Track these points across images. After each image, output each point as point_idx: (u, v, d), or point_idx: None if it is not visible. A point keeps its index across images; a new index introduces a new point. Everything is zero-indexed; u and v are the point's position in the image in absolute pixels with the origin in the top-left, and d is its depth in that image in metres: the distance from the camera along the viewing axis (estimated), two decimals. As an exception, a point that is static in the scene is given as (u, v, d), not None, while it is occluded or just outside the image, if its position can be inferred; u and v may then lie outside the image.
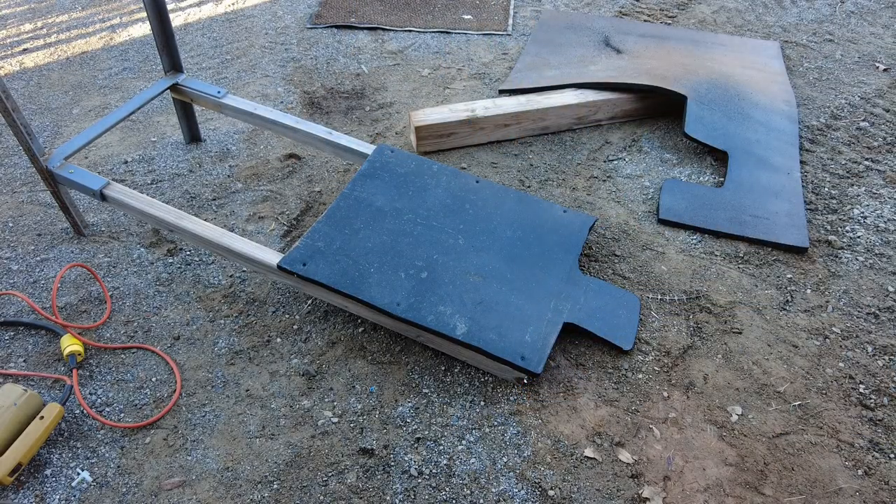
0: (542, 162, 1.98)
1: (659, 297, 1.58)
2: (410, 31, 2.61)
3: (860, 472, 1.26)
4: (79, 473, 1.26)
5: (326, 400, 1.38)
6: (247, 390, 1.40)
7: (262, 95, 2.26)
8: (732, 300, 1.58)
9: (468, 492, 1.23)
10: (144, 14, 2.36)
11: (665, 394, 1.39)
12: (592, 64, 2.26)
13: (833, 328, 1.52)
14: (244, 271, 1.65)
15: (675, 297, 1.58)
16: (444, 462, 1.28)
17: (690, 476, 1.26)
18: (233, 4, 2.82)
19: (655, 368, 1.44)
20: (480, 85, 2.30)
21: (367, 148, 1.73)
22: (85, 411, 1.35)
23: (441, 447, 1.30)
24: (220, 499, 1.22)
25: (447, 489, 1.23)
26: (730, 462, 1.28)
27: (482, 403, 1.37)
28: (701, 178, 1.92)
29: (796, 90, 2.26)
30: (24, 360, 1.45)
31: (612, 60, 2.28)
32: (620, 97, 2.08)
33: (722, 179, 1.89)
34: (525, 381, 1.39)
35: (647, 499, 1.22)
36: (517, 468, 1.27)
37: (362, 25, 2.63)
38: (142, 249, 1.71)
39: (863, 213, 1.80)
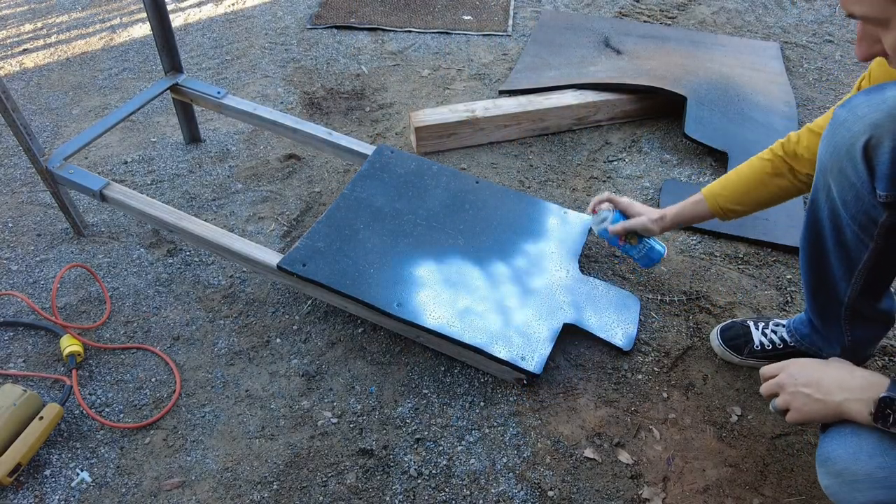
0: (541, 162, 1.98)
1: (658, 297, 1.58)
2: (410, 31, 2.61)
3: (860, 472, 1.26)
4: (78, 474, 1.26)
5: (326, 400, 1.38)
6: (246, 391, 1.40)
7: (262, 96, 2.27)
8: (732, 301, 1.58)
9: (468, 492, 1.23)
10: (144, 14, 2.36)
11: (665, 394, 1.39)
12: (592, 65, 2.26)
13: (833, 329, 1.51)
14: (244, 272, 1.65)
15: (675, 298, 1.58)
16: (444, 463, 1.28)
17: (690, 477, 1.26)
18: (233, 5, 2.83)
19: (655, 369, 1.44)
20: (480, 85, 2.30)
21: (367, 148, 1.73)
22: (84, 412, 1.35)
23: (441, 448, 1.30)
24: (220, 499, 1.22)
25: (447, 490, 1.23)
26: (729, 463, 1.28)
27: (482, 404, 1.37)
28: (701, 179, 1.92)
29: (796, 91, 2.26)
30: (24, 361, 1.45)
31: (612, 61, 2.28)
32: (620, 98, 2.08)
33: (722, 180, 1.89)
34: (525, 381, 1.39)
35: (646, 499, 1.22)
36: (517, 469, 1.27)
37: (362, 26, 2.63)
38: (141, 250, 1.71)
39: (862, 213, 1.79)
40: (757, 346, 1.40)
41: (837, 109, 0.99)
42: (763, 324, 1.42)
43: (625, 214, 1.45)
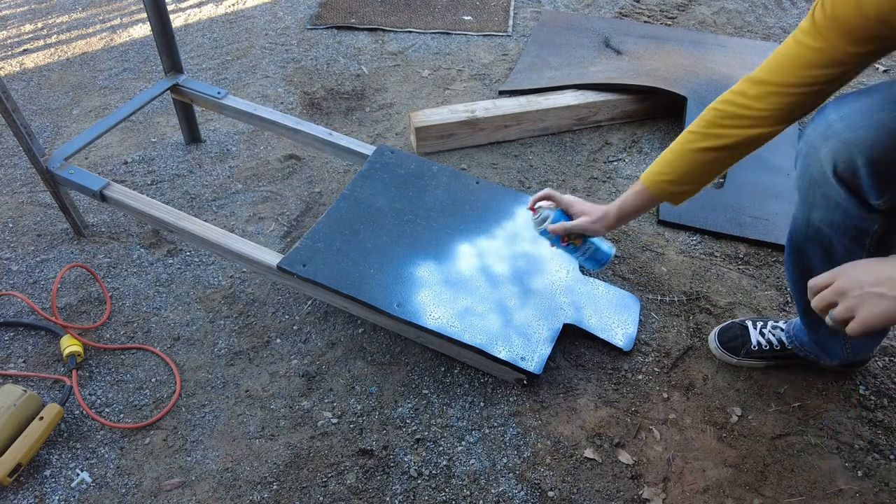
0: (542, 163, 1.98)
1: (659, 298, 1.58)
2: (411, 32, 2.61)
3: (860, 473, 1.26)
4: (78, 474, 1.26)
5: (326, 401, 1.38)
6: (246, 391, 1.40)
7: (263, 96, 2.27)
8: (732, 301, 1.58)
9: (468, 493, 1.23)
10: (144, 14, 2.36)
11: (665, 395, 1.39)
12: (593, 65, 2.26)
13: (833, 329, 1.51)
14: (244, 272, 1.65)
15: (675, 298, 1.58)
16: (444, 463, 1.28)
17: (690, 477, 1.26)
18: (233, 5, 2.83)
19: (655, 369, 1.44)
20: (480, 86, 2.30)
21: (367, 149, 1.73)
22: (84, 412, 1.35)
23: (441, 448, 1.30)
24: (220, 499, 1.22)
25: (447, 490, 1.23)
26: (730, 463, 1.28)
27: (482, 404, 1.37)
28: (701, 180, 1.92)
29: (796, 91, 2.26)
30: (24, 361, 1.45)
31: (613, 61, 2.28)
32: (621, 98, 2.08)
33: (722, 180, 1.89)
34: (525, 382, 1.39)
35: (647, 500, 1.22)
36: (517, 469, 1.27)
37: (363, 26, 2.63)
38: (142, 250, 1.71)
39: (863, 214, 1.80)
40: (754, 346, 1.40)
41: (800, 142, 1.01)
42: (762, 324, 1.42)
43: (566, 213, 1.34)
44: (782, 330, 1.39)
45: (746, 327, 1.42)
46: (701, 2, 2.80)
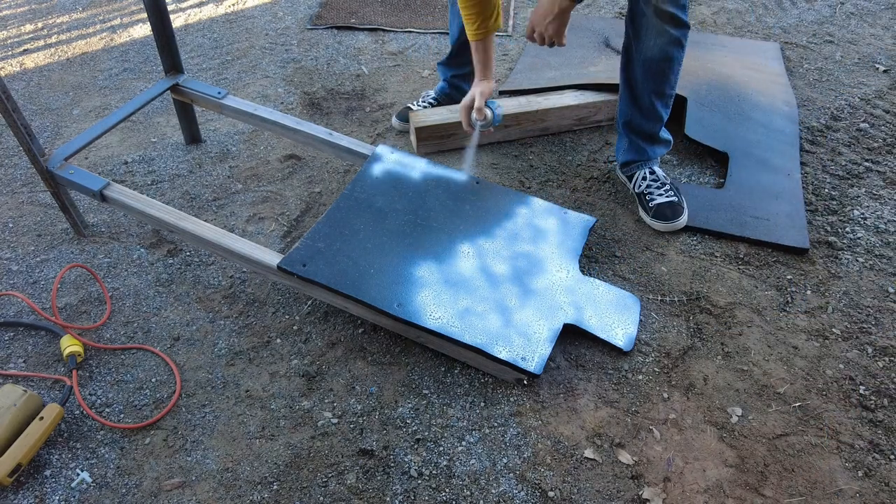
0: (542, 163, 1.98)
1: (659, 298, 1.58)
2: (411, 32, 2.61)
3: (860, 473, 1.26)
4: (78, 474, 1.26)
5: (326, 401, 1.38)
6: (246, 391, 1.40)
7: (263, 96, 2.27)
8: (732, 301, 1.58)
9: (468, 493, 1.23)
10: (145, 14, 2.36)
11: (665, 395, 1.39)
12: (593, 65, 2.26)
13: (833, 329, 1.52)
14: (244, 272, 1.65)
15: (675, 299, 1.58)
16: (444, 463, 1.28)
17: (690, 477, 1.26)
18: (233, 5, 2.83)
19: (655, 369, 1.44)
20: (480, 86, 2.30)
21: (367, 149, 1.73)
22: (84, 412, 1.35)
23: (441, 448, 1.30)
24: (220, 499, 1.22)
25: (447, 490, 1.23)
26: (730, 463, 1.28)
27: (482, 404, 1.37)
28: (701, 180, 1.92)
29: (796, 91, 2.26)
30: (24, 361, 1.45)
31: (613, 61, 2.28)
32: (620, 98, 2.08)
33: (722, 180, 1.89)
34: (525, 382, 1.39)
35: (647, 500, 1.22)
36: (517, 469, 1.27)
37: (363, 26, 2.63)
38: (142, 250, 1.71)
39: (863, 214, 1.80)
40: (416, 107, 2.03)
41: None
42: (419, 99, 2.10)
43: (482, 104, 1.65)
44: (432, 96, 2.09)
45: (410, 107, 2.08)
46: (701, 2, 2.80)
